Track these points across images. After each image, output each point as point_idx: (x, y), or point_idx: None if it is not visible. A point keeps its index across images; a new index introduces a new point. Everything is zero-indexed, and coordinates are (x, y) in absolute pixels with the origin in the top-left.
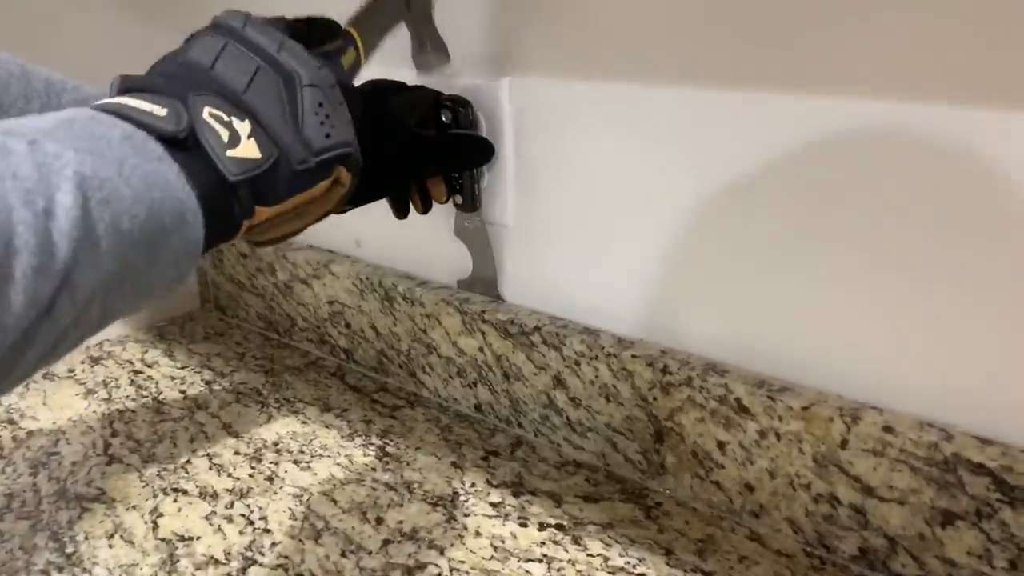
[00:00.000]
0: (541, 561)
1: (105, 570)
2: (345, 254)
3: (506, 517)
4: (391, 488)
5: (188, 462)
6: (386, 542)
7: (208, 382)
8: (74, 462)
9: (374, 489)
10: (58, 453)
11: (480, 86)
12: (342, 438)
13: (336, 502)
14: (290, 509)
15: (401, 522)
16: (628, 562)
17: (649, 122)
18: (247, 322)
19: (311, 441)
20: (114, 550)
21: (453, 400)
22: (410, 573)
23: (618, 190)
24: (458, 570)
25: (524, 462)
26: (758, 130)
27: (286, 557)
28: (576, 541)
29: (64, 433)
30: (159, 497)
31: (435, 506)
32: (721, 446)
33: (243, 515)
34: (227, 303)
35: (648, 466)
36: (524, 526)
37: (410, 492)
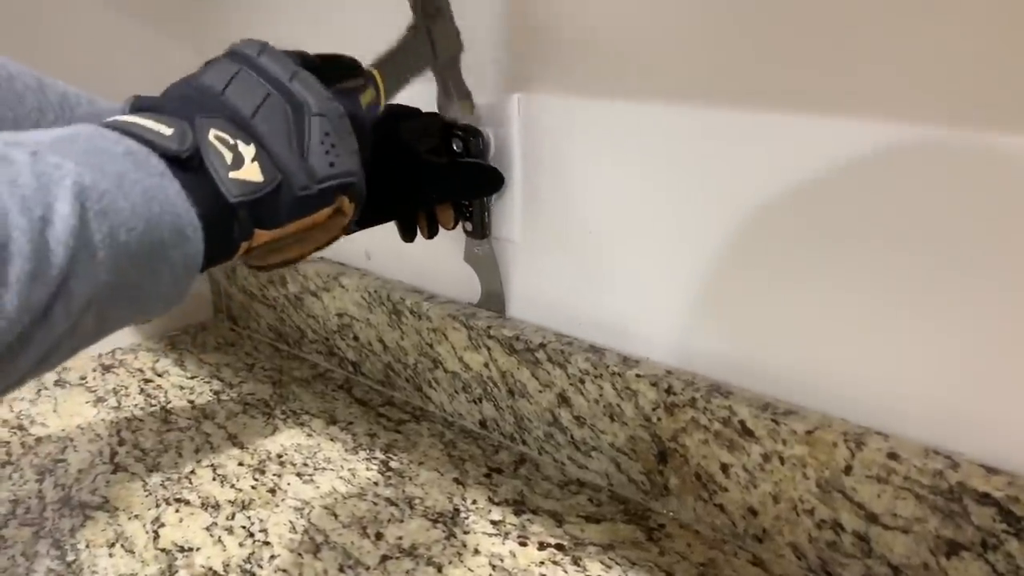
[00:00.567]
0: None
1: None
2: (355, 267)
3: (506, 535)
4: (392, 503)
5: (192, 472)
6: (384, 558)
7: (216, 392)
8: (80, 470)
9: (375, 504)
10: (65, 460)
11: (490, 103)
12: (346, 451)
13: (337, 516)
14: (291, 522)
15: (400, 538)
16: None
17: (657, 142)
18: (258, 333)
19: (315, 454)
20: (114, 559)
21: (458, 415)
22: None
23: (625, 209)
24: None
25: (527, 480)
26: (765, 151)
27: (284, 571)
28: (576, 562)
29: (72, 440)
30: (161, 507)
31: (435, 523)
32: (725, 469)
33: (244, 527)
34: (239, 313)
35: (651, 487)
36: (524, 545)
37: (411, 508)
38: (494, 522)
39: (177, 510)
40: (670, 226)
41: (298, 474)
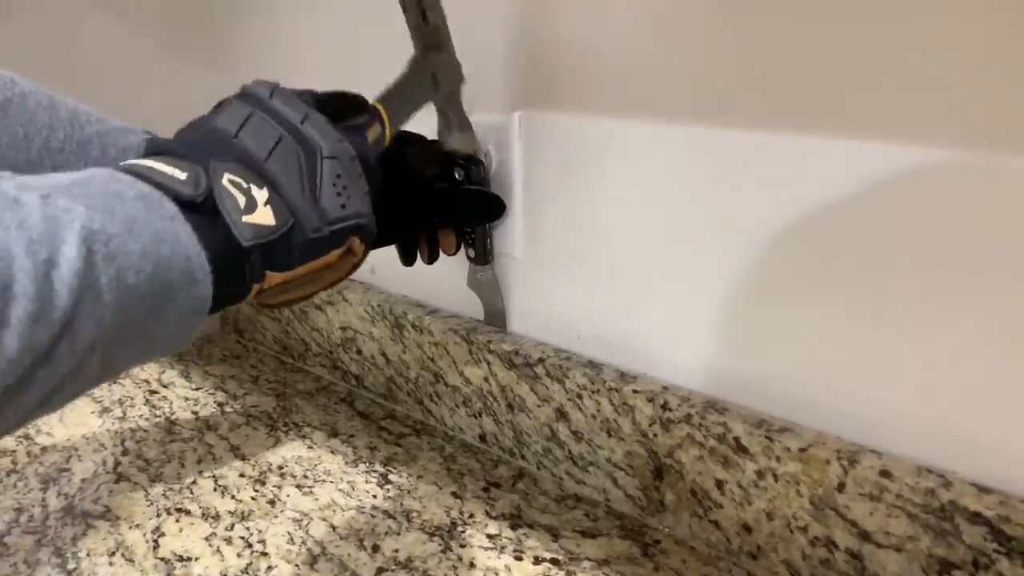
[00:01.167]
0: None
1: None
2: (359, 281)
3: (502, 550)
4: (390, 516)
5: (194, 483)
6: (380, 570)
7: (220, 404)
8: (83, 479)
9: (373, 516)
10: (69, 469)
11: (491, 120)
12: (346, 464)
13: (335, 528)
14: (289, 533)
15: (397, 551)
16: None
17: (656, 159)
18: (263, 345)
19: (315, 466)
20: (114, 568)
21: (459, 429)
22: None
23: (625, 225)
24: None
25: (524, 494)
26: (762, 169)
27: None
28: None
29: (77, 450)
30: (162, 516)
31: (432, 536)
32: (720, 485)
33: (242, 537)
34: (245, 326)
35: (648, 503)
36: (519, 559)
37: (408, 521)
38: (490, 536)
39: (177, 520)
40: (670, 244)
41: (298, 486)
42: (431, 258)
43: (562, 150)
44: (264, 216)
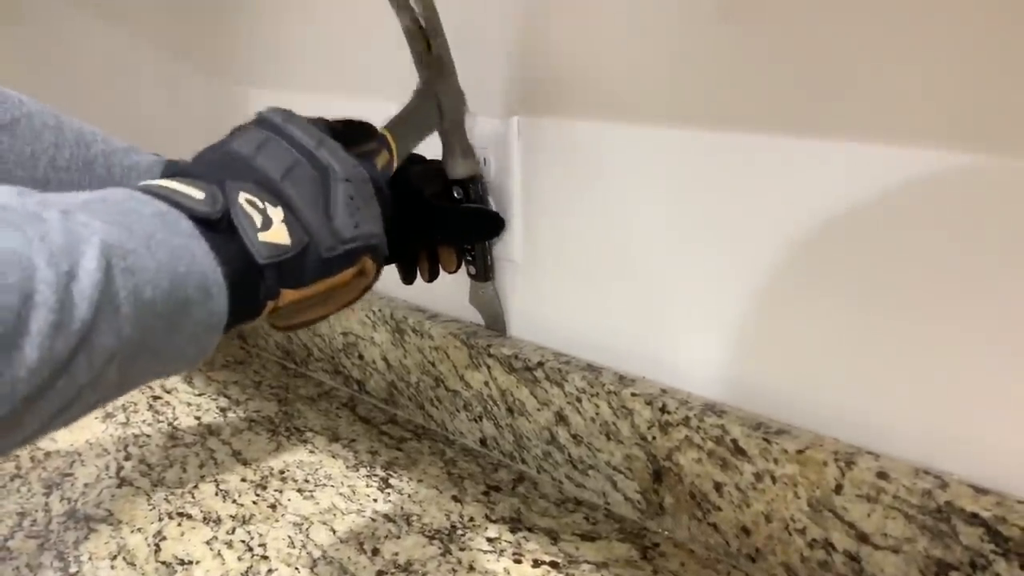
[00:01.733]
0: None
1: None
2: None
3: (501, 553)
4: (390, 520)
5: (196, 487)
6: (380, 573)
7: (223, 409)
8: (86, 483)
9: (373, 520)
10: (72, 474)
11: (490, 124)
12: (347, 468)
13: (335, 532)
14: (289, 537)
15: (396, 554)
16: None
17: (654, 163)
18: (266, 351)
19: (316, 470)
20: (115, 571)
21: (459, 434)
22: None
23: (624, 229)
24: None
25: (524, 498)
26: (761, 175)
27: None
28: None
29: (80, 455)
30: (164, 521)
31: (432, 539)
32: (718, 487)
33: (243, 541)
34: (248, 331)
35: (647, 506)
36: (519, 562)
37: (408, 524)
38: (490, 539)
39: (179, 524)
40: (670, 248)
41: (299, 490)
42: (431, 276)
43: (561, 155)
44: (280, 234)
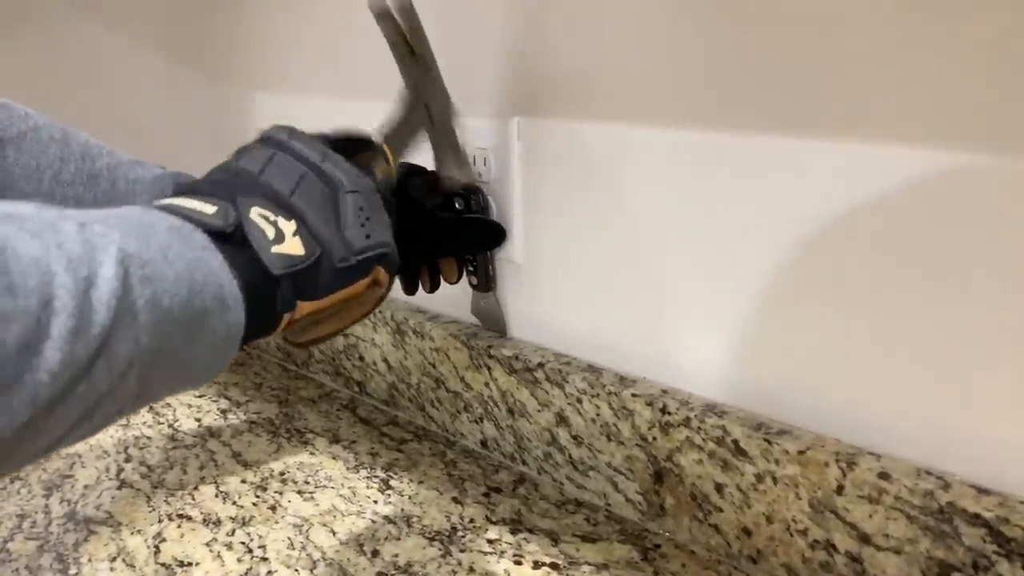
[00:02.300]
0: None
1: None
2: None
3: (501, 554)
4: (390, 521)
5: (196, 489)
6: (379, 575)
7: (224, 411)
8: (86, 485)
9: (373, 522)
10: (72, 476)
11: (490, 125)
12: (347, 470)
13: (335, 533)
14: (289, 539)
15: (397, 555)
16: None
17: (655, 164)
18: (267, 353)
19: (317, 472)
20: (115, 573)
21: (460, 435)
22: None
23: (624, 229)
24: None
25: (525, 499)
26: (761, 176)
27: None
28: None
29: (80, 457)
30: (164, 522)
31: (432, 541)
32: (719, 488)
33: (243, 543)
34: None
35: (648, 507)
36: (519, 564)
37: (408, 526)
38: (490, 541)
39: (179, 526)
40: (670, 249)
41: (299, 492)
42: (433, 287)
43: (561, 156)
44: (293, 246)
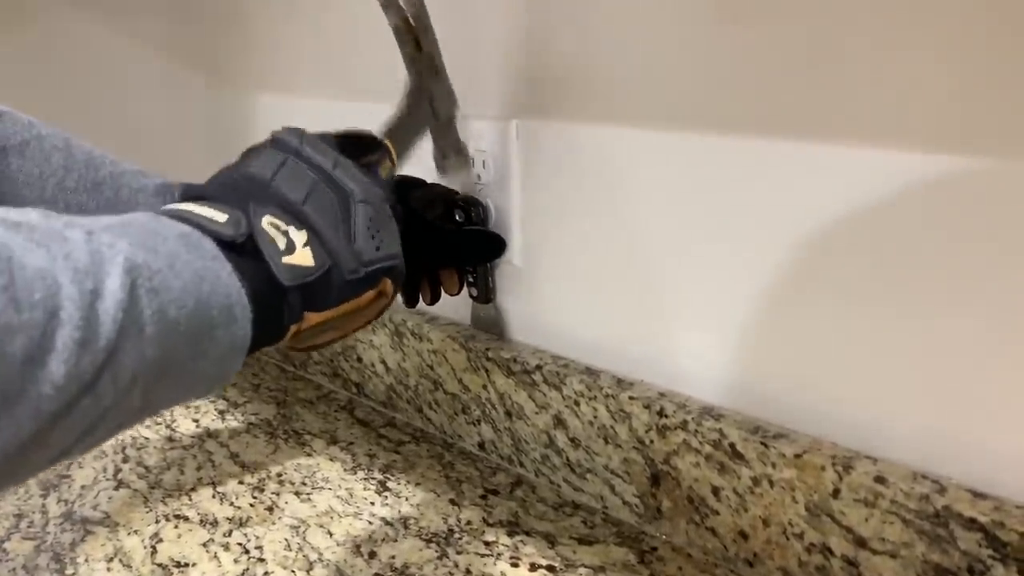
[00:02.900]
0: None
1: None
2: None
3: (498, 556)
4: (387, 523)
5: (193, 489)
6: None
7: (221, 412)
8: (83, 485)
9: (370, 523)
10: (69, 476)
11: (489, 127)
12: (345, 471)
13: (332, 534)
14: (286, 540)
15: (393, 557)
16: None
17: (654, 166)
18: (265, 354)
19: (314, 473)
20: (111, 573)
21: (457, 437)
22: None
23: (623, 231)
24: None
25: (522, 502)
26: (760, 178)
27: None
28: None
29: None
30: (161, 523)
31: (429, 542)
32: (716, 492)
33: (240, 544)
34: None
35: (645, 510)
36: (516, 566)
37: (405, 527)
38: (487, 543)
39: (176, 526)
40: (669, 252)
41: (296, 493)
42: (433, 299)
43: (560, 158)
44: (303, 257)
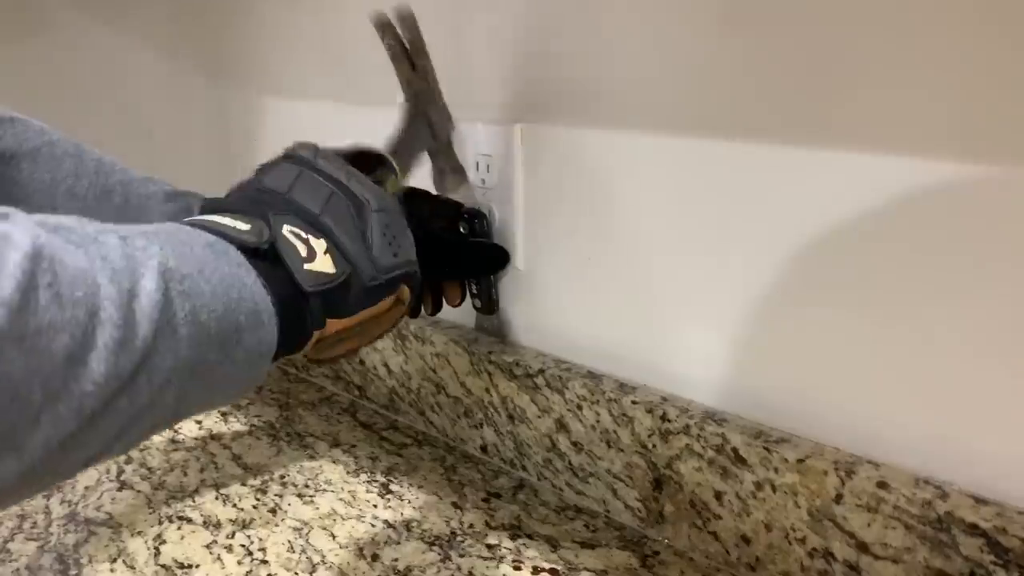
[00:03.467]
0: None
1: None
2: None
3: (501, 560)
4: (390, 525)
5: (196, 491)
6: None
7: (224, 414)
8: (87, 487)
9: (373, 526)
10: (73, 477)
11: (492, 132)
12: (347, 474)
13: (335, 537)
14: (289, 542)
15: (396, 560)
16: None
17: (656, 171)
18: None
19: (317, 475)
20: (115, 574)
21: (460, 440)
22: None
23: (625, 236)
24: None
25: (525, 505)
26: (762, 184)
27: None
28: None
29: None
30: (164, 524)
31: (431, 545)
32: (718, 496)
33: (243, 545)
34: None
35: (647, 514)
36: (518, 569)
37: (408, 530)
38: (490, 546)
39: (179, 528)
40: (671, 256)
41: (299, 495)
42: (435, 310)
43: (563, 162)
44: (324, 264)
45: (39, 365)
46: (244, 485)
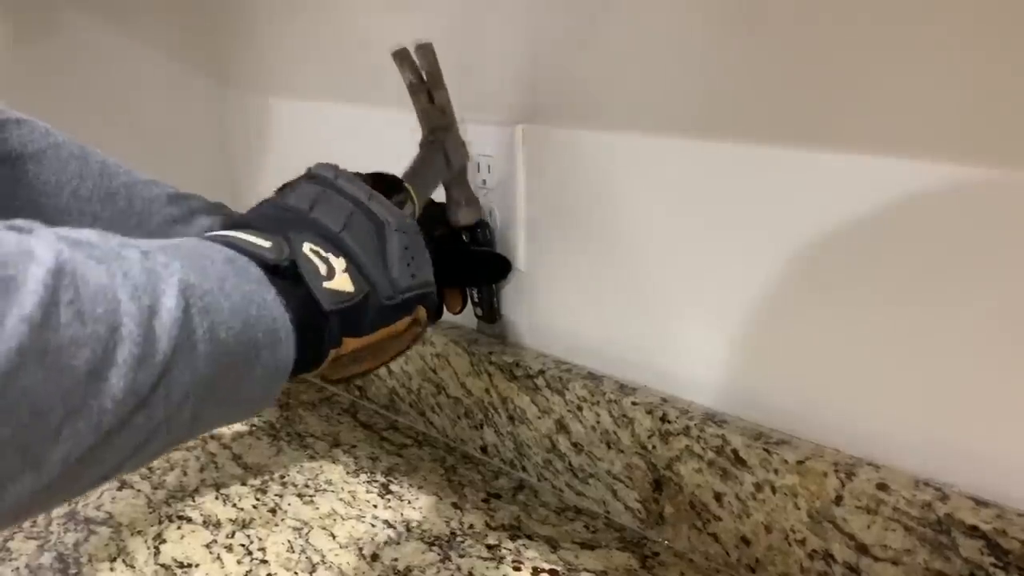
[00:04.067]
0: None
1: None
2: None
3: (500, 560)
4: (390, 526)
5: (196, 491)
6: None
7: None
8: None
9: (373, 526)
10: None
11: (493, 132)
12: (348, 474)
13: (335, 537)
14: (289, 542)
15: (396, 560)
16: None
17: (657, 172)
18: None
19: (317, 476)
20: (115, 574)
21: (460, 441)
22: None
23: (626, 237)
24: None
25: (525, 506)
26: (762, 186)
27: None
28: None
29: None
30: (164, 523)
31: (431, 546)
32: (718, 497)
33: (243, 545)
34: None
35: (647, 515)
36: (518, 570)
37: (408, 531)
38: (490, 547)
39: (179, 527)
40: (673, 258)
41: (299, 495)
42: (436, 317)
43: (564, 163)
44: (343, 283)
45: (60, 381)
46: (244, 485)
